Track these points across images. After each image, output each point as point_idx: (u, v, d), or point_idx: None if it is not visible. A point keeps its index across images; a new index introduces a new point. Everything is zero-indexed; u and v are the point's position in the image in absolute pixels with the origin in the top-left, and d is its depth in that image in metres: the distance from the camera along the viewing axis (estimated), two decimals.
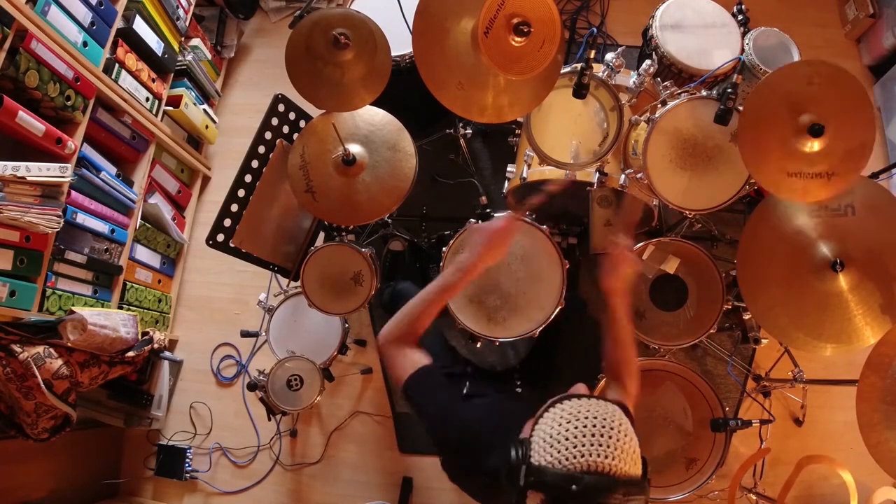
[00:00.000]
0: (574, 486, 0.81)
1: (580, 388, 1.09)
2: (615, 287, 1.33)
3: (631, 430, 0.88)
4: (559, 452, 0.84)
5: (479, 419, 1.15)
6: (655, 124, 1.58)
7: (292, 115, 1.92)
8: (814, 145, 1.39)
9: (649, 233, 2.07)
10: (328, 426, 2.38)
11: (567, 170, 1.73)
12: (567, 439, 0.84)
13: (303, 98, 1.55)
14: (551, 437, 0.86)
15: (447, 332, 2.00)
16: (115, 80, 2.09)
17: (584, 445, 0.83)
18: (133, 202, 2.18)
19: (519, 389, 1.61)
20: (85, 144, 1.97)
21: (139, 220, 2.24)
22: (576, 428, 0.85)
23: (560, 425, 0.86)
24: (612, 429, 0.85)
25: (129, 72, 2.16)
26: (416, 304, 1.24)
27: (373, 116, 1.72)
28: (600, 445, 0.83)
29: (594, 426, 0.85)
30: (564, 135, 1.77)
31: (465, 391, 1.52)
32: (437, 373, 1.20)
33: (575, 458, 0.82)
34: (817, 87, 1.38)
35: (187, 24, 2.50)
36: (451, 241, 1.75)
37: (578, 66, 1.54)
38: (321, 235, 2.21)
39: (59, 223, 1.75)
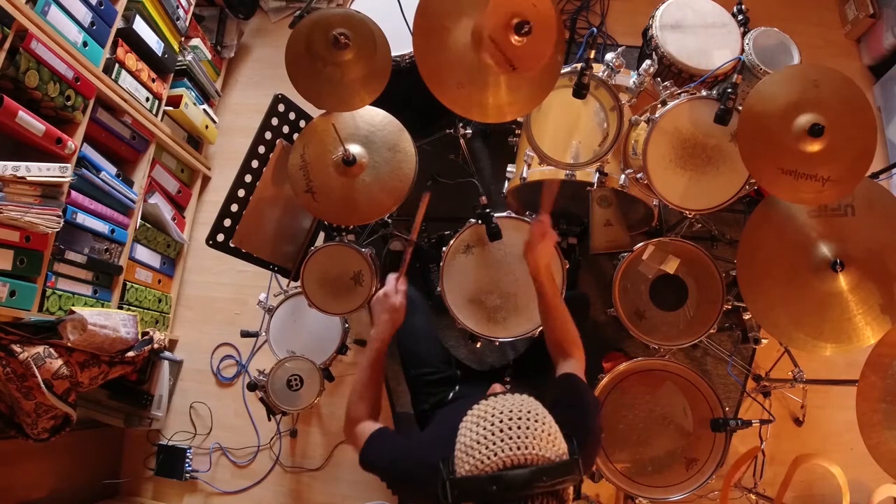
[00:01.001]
0: (494, 487, 0.81)
1: (494, 388, 1.10)
2: (537, 264, 1.42)
3: (542, 413, 0.88)
4: (474, 458, 0.84)
5: (429, 442, 1.19)
6: (655, 124, 1.58)
7: (292, 115, 1.92)
8: (814, 146, 1.39)
9: (649, 233, 2.07)
10: (329, 428, 2.38)
11: (567, 170, 1.73)
12: (479, 443, 0.85)
13: (303, 98, 1.55)
14: (465, 445, 0.87)
15: (444, 333, 2.00)
16: (115, 80, 2.09)
17: (493, 444, 0.84)
18: (133, 202, 2.18)
19: (508, 385, 1.61)
20: (85, 144, 1.97)
21: (139, 220, 2.24)
22: (484, 429, 0.86)
23: (471, 431, 0.87)
24: (519, 419, 0.85)
25: (129, 72, 2.16)
26: (356, 390, 1.34)
27: (373, 117, 1.72)
28: (509, 438, 0.83)
29: (500, 421, 0.85)
30: (564, 135, 1.77)
31: (450, 396, 1.53)
32: (383, 431, 1.22)
33: (489, 458, 0.83)
34: (820, 90, 1.38)
35: (187, 24, 2.50)
36: (452, 241, 1.75)
37: (578, 66, 1.54)
38: (321, 235, 2.21)
39: (59, 223, 1.75)
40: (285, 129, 1.91)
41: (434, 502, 0.99)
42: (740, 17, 2.01)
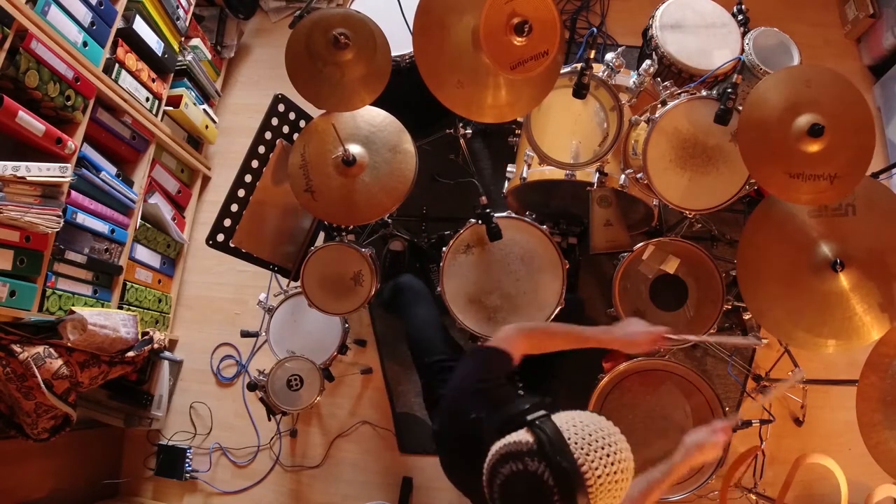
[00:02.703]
0: (559, 458, 0.86)
1: None
2: (698, 461, 1.31)
3: (629, 481, 0.91)
4: (575, 433, 0.89)
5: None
6: (655, 124, 1.58)
7: (292, 115, 1.92)
8: (814, 146, 1.39)
9: (649, 233, 2.07)
10: (329, 426, 2.38)
11: (567, 170, 1.73)
12: (590, 434, 0.89)
13: (303, 98, 1.55)
14: (581, 421, 0.92)
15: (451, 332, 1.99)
16: (115, 80, 2.09)
17: (594, 449, 0.88)
18: (133, 202, 2.18)
19: (521, 392, 1.61)
20: (85, 144, 1.96)
21: (139, 220, 2.24)
22: (601, 436, 0.90)
23: (592, 424, 0.92)
24: (620, 462, 0.89)
25: (129, 72, 2.16)
26: (551, 331, 1.43)
27: (374, 117, 1.72)
28: (602, 461, 0.87)
29: (612, 448, 0.89)
30: (564, 135, 1.77)
31: None
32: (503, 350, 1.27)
33: (581, 447, 0.87)
34: (815, 90, 1.38)
35: (187, 24, 2.50)
36: (452, 241, 1.75)
37: (578, 66, 1.54)
38: (321, 235, 2.21)
39: (59, 223, 1.75)
40: (285, 129, 1.91)
41: (468, 427, 1.09)
42: (740, 17, 2.01)
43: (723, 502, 1.95)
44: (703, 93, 1.60)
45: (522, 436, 0.91)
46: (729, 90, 1.46)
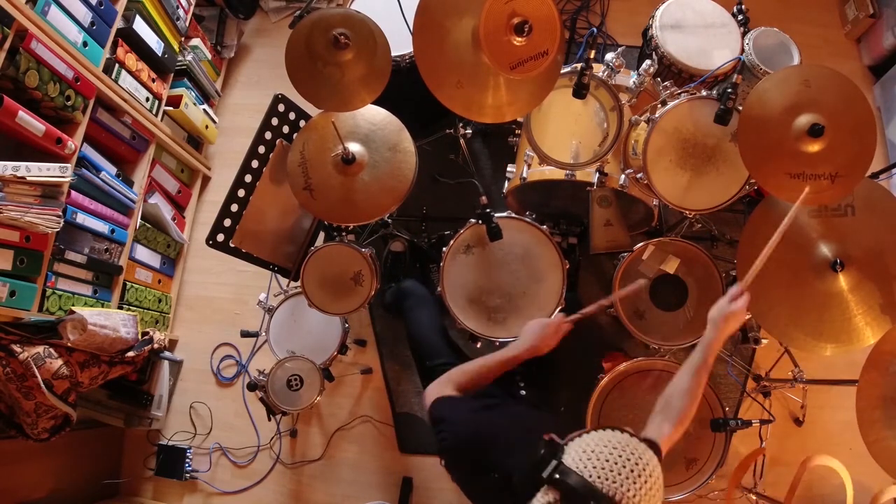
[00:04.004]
0: (592, 502, 0.82)
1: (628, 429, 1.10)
2: (724, 335, 1.31)
3: (662, 487, 0.89)
4: (594, 467, 0.85)
5: (499, 424, 1.19)
6: (655, 124, 1.58)
7: (292, 115, 1.92)
8: (814, 146, 1.39)
9: (649, 233, 2.07)
10: (329, 426, 2.38)
11: (567, 170, 1.73)
12: (607, 461, 0.85)
13: (303, 98, 1.55)
14: (592, 451, 0.87)
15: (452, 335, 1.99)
16: (115, 80, 2.09)
17: (619, 474, 0.84)
18: (133, 202, 2.18)
19: (523, 392, 1.61)
20: (85, 144, 1.97)
21: (139, 220, 2.24)
22: (620, 456, 0.86)
23: (605, 446, 0.88)
24: (649, 476, 0.86)
25: (129, 72, 2.16)
26: (468, 368, 1.35)
27: (374, 115, 1.72)
28: (634, 483, 0.84)
29: (636, 464, 0.86)
30: (564, 135, 1.77)
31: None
32: (459, 398, 1.27)
33: (606, 479, 0.84)
34: (815, 90, 1.38)
35: (187, 24, 2.50)
36: (452, 242, 1.75)
37: (578, 66, 1.54)
38: (321, 235, 2.21)
39: (59, 223, 1.75)
40: (285, 129, 1.91)
41: (481, 476, 1.04)
42: (740, 17, 2.01)
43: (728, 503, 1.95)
44: (703, 93, 1.60)
45: (547, 496, 0.86)
46: (729, 90, 1.46)
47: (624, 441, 0.89)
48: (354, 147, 1.68)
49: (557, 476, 0.85)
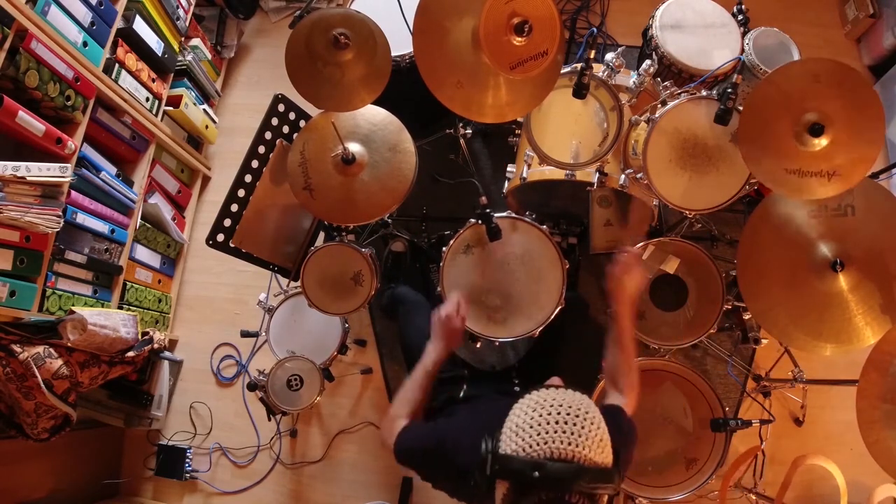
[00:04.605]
0: (536, 473, 0.81)
1: (554, 381, 1.11)
2: (621, 296, 1.37)
3: (598, 418, 0.88)
4: (524, 440, 0.85)
5: (461, 427, 1.19)
6: (655, 124, 1.58)
7: (292, 115, 1.92)
8: (817, 144, 1.38)
9: (649, 233, 2.07)
10: (329, 426, 2.38)
11: (567, 170, 1.73)
12: (532, 427, 0.85)
13: (303, 98, 1.55)
14: (517, 426, 0.87)
15: None
16: (115, 80, 2.09)
17: (547, 433, 0.84)
18: (133, 202, 2.18)
19: (517, 388, 1.61)
20: (85, 144, 1.97)
21: (139, 220, 2.24)
22: (541, 416, 0.86)
23: (526, 414, 0.87)
24: (577, 416, 0.85)
25: (129, 72, 2.16)
26: (402, 398, 1.35)
27: (374, 115, 1.72)
28: (564, 433, 0.83)
29: (559, 414, 0.85)
30: (564, 135, 1.77)
31: (461, 394, 1.54)
32: (414, 422, 1.27)
33: (539, 444, 0.83)
34: (823, 85, 1.37)
35: (187, 24, 2.50)
36: (452, 242, 1.75)
37: (578, 66, 1.54)
38: (321, 235, 2.21)
39: (59, 223, 1.75)
40: (285, 129, 1.91)
41: (463, 482, 1.01)
42: (740, 17, 2.01)
43: (722, 502, 1.95)
44: (703, 93, 1.60)
45: (501, 489, 0.87)
46: (729, 90, 1.46)
47: (542, 398, 0.89)
48: (354, 147, 1.67)
49: (498, 467, 0.86)
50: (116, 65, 2.09)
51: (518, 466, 0.83)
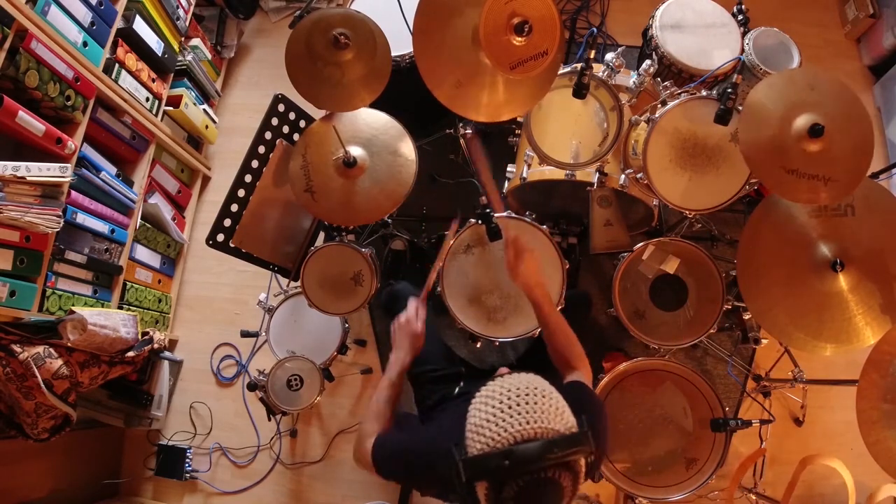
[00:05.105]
0: (507, 462, 0.82)
1: (502, 371, 1.13)
2: (526, 283, 1.41)
3: (548, 389, 0.90)
4: (485, 437, 0.86)
5: (434, 434, 1.20)
6: (655, 124, 1.58)
7: (292, 115, 1.92)
8: (814, 146, 1.39)
9: (649, 233, 2.07)
10: (329, 426, 2.38)
11: (567, 170, 1.73)
12: (489, 421, 0.86)
13: (303, 98, 1.55)
14: (475, 425, 0.88)
15: (445, 333, 2.00)
16: (115, 80, 2.09)
17: (504, 420, 0.85)
18: (133, 202, 2.18)
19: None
20: (85, 144, 1.96)
21: (139, 220, 2.24)
22: (493, 408, 0.87)
23: (480, 412, 0.89)
24: (527, 395, 0.87)
25: (129, 72, 2.16)
26: (372, 411, 1.34)
27: (375, 120, 1.72)
28: (519, 414, 0.85)
29: (509, 399, 0.87)
30: (564, 135, 1.77)
31: (455, 391, 1.54)
32: (384, 434, 1.26)
33: (499, 434, 0.84)
34: (818, 93, 1.38)
35: (187, 24, 2.50)
36: (452, 241, 1.75)
37: (578, 66, 1.54)
38: (321, 235, 2.21)
39: (59, 223, 1.75)
40: (285, 129, 1.91)
41: (449, 488, 1.00)
42: (740, 17, 2.01)
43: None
44: (703, 93, 1.60)
45: (481, 491, 0.87)
46: (729, 90, 1.46)
47: (490, 391, 0.90)
48: (356, 151, 1.68)
49: (471, 472, 0.86)
50: (116, 65, 2.09)
51: (488, 464, 0.84)
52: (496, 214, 1.68)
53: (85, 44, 1.94)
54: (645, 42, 2.10)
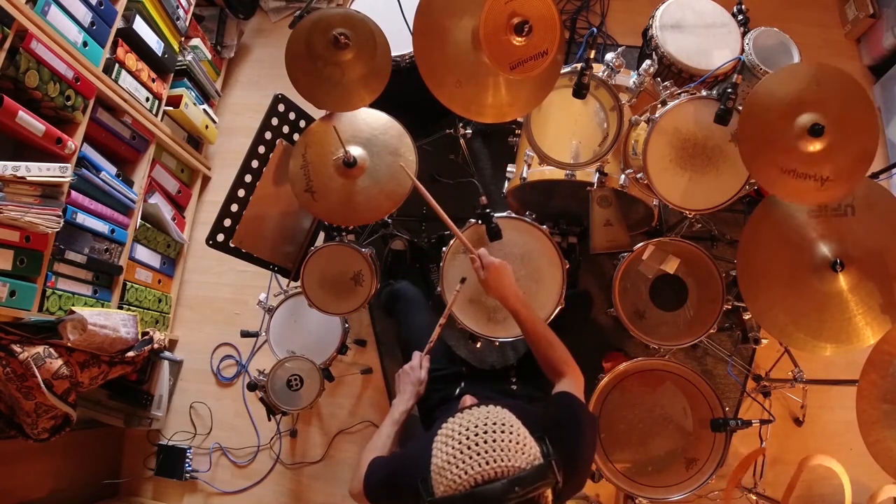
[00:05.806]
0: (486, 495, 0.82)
1: (464, 401, 1.14)
2: (501, 295, 1.42)
3: (508, 422, 0.89)
4: (448, 479, 0.85)
5: (417, 455, 1.17)
6: (655, 124, 1.58)
7: (292, 115, 1.92)
8: (814, 146, 1.39)
9: (649, 233, 2.07)
10: (329, 426, 2.38)
11: (567, 170, 1.73)
12: (450, 463, 0.86)
13: (303, 98, 1.55)
14: (438, 466, 0.88)
15: (445, 333, 1.99)
16: (115, 80, 2.09)
17: (464, 462, 0.85)
18: (133, 202, 2.18)
19: (514, 387, 1.61)
20: (85, 144, 1.97)
21: (139, 220, 2.24)
22: (454, 448, 0.87)
23: (442, 452, 0.88)
24: (485, 433, 0.86)
25: (129, 72, 2.16)
26: (372, 449, 1.36)
27: (375, 120, 1.72)
28: (479, 455, 0.84)
29: (468, 439, 0.86)
30: (564, 135, 1.77)
31: (456, 392, 1.54)
32: (374, 461, 1.25)
33: (461, 477, 0.84)
34: (822, 89, 1.38)
35: (187, 24, 2.50)
36: (452, 242, 1.75)
37: (578, 66, 1.54)
38: (321, 235, 2.21)
39: (59, 223, 1.75)
40: (285, 129, 1.91)
41: None
42: (740, 17, 2.01)
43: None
44: (703, 93, 1.60)
45: None
46: (729, 90, 1.46)
47: (449, 430, 0.90)
48: (356, 151, 1.68)
49: None
50: (116, 65, 2.09)
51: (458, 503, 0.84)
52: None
53: (85, 44, 1.94)
54: (645, 42, 2.10)
